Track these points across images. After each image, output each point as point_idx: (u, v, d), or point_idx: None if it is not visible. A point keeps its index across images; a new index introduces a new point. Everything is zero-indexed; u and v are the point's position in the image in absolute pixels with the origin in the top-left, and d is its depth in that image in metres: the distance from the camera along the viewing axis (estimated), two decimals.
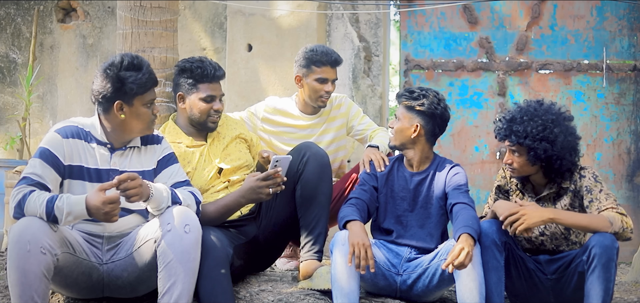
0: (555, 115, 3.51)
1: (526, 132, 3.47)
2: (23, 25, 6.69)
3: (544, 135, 3.45)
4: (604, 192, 3.47)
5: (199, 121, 3.77)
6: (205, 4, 6.41)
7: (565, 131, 3.50)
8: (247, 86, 6.03)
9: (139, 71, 3.24)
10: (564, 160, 3.49)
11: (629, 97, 6.00)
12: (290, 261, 4.49)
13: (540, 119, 3.48)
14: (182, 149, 3.73)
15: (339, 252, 3.41)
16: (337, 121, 4.45)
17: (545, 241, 3.61)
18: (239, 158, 3.82)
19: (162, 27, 4.14)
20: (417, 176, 3.72)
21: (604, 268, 3.25)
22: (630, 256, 5.14)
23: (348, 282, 3.38)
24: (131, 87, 3.22)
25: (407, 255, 3.65)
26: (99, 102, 3.27)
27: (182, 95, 3.78)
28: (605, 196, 3.45)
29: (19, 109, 6.59)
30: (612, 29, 5.99)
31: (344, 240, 3.43)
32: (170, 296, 3.08)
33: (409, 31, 6.14)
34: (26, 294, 2.93)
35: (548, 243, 3.61)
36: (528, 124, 3.48)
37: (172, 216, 3.13)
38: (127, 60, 3.25)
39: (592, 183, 3.50)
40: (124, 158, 3.32)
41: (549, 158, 3.47)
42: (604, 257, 3.25)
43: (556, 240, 3.60)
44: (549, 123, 3.47)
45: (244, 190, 3.50)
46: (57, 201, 3.02)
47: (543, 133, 3.46)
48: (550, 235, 3.59)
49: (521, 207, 3.39)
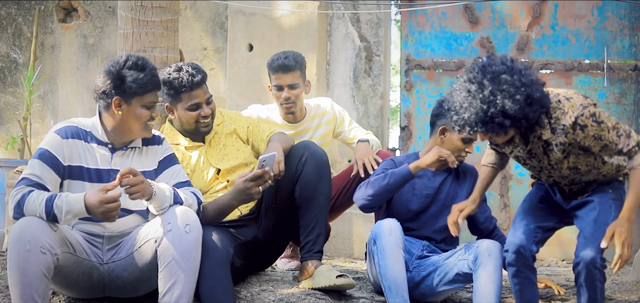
0: (490, 82, 3.10)
1: (475, 121, 3.14)
2: (24, 25, 6.70)
3: (492, 113, 3.09)
4: (614, 130, 3.17)
5: (190, 129, 3.75)
6: (206, 3, 6.41)
7: (507, 93, 3.08)
8: (248, 86, 6.03)
9: (141, 72, 3.24)
10: (528, 116, 3.12)
11: (630, 97, 6.00)
12: (291, 261, 4.50)
13: (478, 101, 3.11)
14: (181, 150, 3.73)
15: (387, 242, 3.40)
16: (321, 128, 4.44)
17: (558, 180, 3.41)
18: (236, 157, 3.81)
19: (163, 27, 4.14)
20: (440, 175, 3.74)
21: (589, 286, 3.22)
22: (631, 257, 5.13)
23: (400, 272, 3.39)
24: (131, 85, 3.22)
25: (419, 252, 3.66)
26: (99, 97, 3.28)
27: (170, 106, 3.74)
28: (617, 137, 3.17)
29: (20, 109, 6.59)
30: (613, 29, 5.98)
31: (391, 230, 3.43)
32: (170, 296, 3.07)
33: (410, 31, 6.14)
34: (26, 294, 2.93)
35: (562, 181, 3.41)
36: (469, 111, 3.14)
37: (172, 216, 3.13)
38: (133, 60, 3.25)
39: (597, 129, 3.16)
40: (125, 159, 3.32)
41: (512, 125, 3.13)
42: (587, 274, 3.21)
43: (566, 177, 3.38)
44: (488, 97, 3.10)
45: (234, 192, 3.49)
46: (56, 199, 3.02)
47: (489, 111, 3.10)
48: (559, 178, 3.39)
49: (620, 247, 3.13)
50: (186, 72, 3.66)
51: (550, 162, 3.30)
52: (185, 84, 3.65)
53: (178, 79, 3.65)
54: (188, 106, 3.68)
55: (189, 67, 3.68)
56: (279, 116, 4.39)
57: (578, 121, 3.15)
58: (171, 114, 3.76)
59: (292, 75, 4.27)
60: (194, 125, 3.71)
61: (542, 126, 3.21)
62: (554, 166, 3.31)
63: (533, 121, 3.15)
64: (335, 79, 6.21)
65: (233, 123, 3.90)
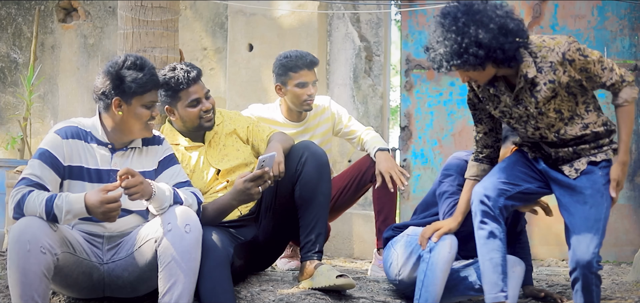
0: (463, 14, 3.11)
1: (449, 53, 3.11)
2: (24, 25, 6.70)
3: (466, 43, 3.08)
4: (599, 63, 3.20)
5: (193, 126, 3.75)
6: (206, 3, 6.41)
7: (480, 22, 3.08)
8: (248, 85, 6.03)
9: (140, 71, 3.24)
10: (503, 46, 3.10)
11: None
12: (291, 261, 4.50)
13: (452, 33, 3.10)
14: (181, 151, 3.73)
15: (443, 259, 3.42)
16: (322, 126, 4.46)
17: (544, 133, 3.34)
18: (236, 157, 3.81)
19: (163, 27, 4.14)
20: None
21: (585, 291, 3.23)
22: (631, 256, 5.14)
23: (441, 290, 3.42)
24: (130, 85, 3.22)
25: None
26: (99, 98, 3.28)
27: (170, 108, 3.74)
28: (602, 70, 3.21)
29: (20, 109, 6.59)
30: (613, 29, 5.98)
31: (451, 248, 3.43)
32: (170, 296, 3.08)
33: (410, 31, 6.14)
34: (26, 294, 2.93)
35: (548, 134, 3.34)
36: (443, 45, 3.12)
37: (172, 216, 3.13)
38: (131, 59, 3.25)
39: (584, 62, 3.18)
40: (125, 159, 3.32)
41: (488, 55, 3.11)
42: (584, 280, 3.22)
43: (553, 127, 3.32)
44: (461, 28, 3.09)
45: (234, 192, 3.49)
46: (56, 199, 3.02)
47: (463, 42, 3.08)
48: (546, 126, 3.31)
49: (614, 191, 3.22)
50: (181, 69, 3.67)
51: (538, 104, 3.23)
52: (182, 82, 3.65)
53: (174, 77, 3.65)
54: (188, 103, 3.68)
55: (182, 65, 3.70)
56: (281, 114, 4.40)
57: (566, 56, 3.16)
58: (172, 116, 3.75)
59: (315, 71, 4.35)
60: (197, 121, 3.72)
61: (521, 61, 3.19)
62: (541, 111, 3.25)
63: (510, 52, 3.13)
64: (335, 79, 6.22)
65: (233, 123, 3.90)
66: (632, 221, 5.97)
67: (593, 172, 3.27)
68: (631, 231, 5.96)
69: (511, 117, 3.35)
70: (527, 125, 3.33)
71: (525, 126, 3.34)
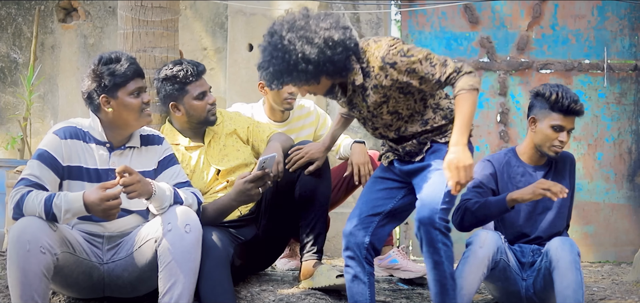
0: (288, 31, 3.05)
1: (280, 71, 3.05)
2: (24, 25, 6.70)
3: (294, 61, 3.03)
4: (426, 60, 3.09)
5: (200, 120, 3.76)
6: (206, 3, 6.41)
7: (304, 38, 3.03)
8: (248, 85, 6.03)
9: (116, 63, 3.25)
10: (333, 59, 3.04)
11: (630, 97, 6.00)
12: (291, 261, 4.50)
13: (279, 52, 3.04)
14: (181, 151, 3.73)
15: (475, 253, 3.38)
16: (305, 129, 4.43)
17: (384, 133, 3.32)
18: (236, 158, 3.82)
19: (163, 26, 4.14)
20: (540, 169, 3.67)
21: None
22: (631, 256, 5.14)
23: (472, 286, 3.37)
24: (110, 79, 3.23)
25: (529, 259, 3.60)
26: (86, 101, 3.30)
27: (175, 104, 3.75)
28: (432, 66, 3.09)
29: (20, 109, 6.59)
30: (613, 29, 5.98)
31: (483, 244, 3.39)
32: (170, 296, 3.08)
33: (409, 31, 6.14)
34: (26, 294, 2.93)
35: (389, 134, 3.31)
36: (273, 64, 3.07)
37: (172, 216, 3.13)
38: (106, 56, 3.27)
39: (408, 63, 3.09)
40: (124, 158, 3.32)
41: (318, 70, 3.05)
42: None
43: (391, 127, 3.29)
44: (287, 46, 3.03)
45: (234, 193, 3.49)
46: (55, 198, 3.02)
47: (291, 60, 3.03)
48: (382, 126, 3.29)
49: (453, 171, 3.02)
50: (187, 63, 3.75)
51: (369, 108, 3.20)
52: (191, 74, 3.72)
53: (182, 71, 3.73)
54: (196, 95, 3.73)
55: (186, 60, 3.78)
56: (264, 114, 4.38)
57: (386, 60, 3.08)
58: (177, 112, 3.76)
59: None
60: (204, 114, 3.75)
61: (351, 70, 3.12)
62: (374, 114, 3.21)
63: (339, 64, 3.06)
64: None
65: (233, 123, 3.90)
66: (632, 221, 5.98)
67: (439, 149, 3.22)
68: (631, 231, 5.96)
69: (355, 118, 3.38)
70: (366, 126, 3.33)
71: (365, 126, 3.34)
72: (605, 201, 5.99)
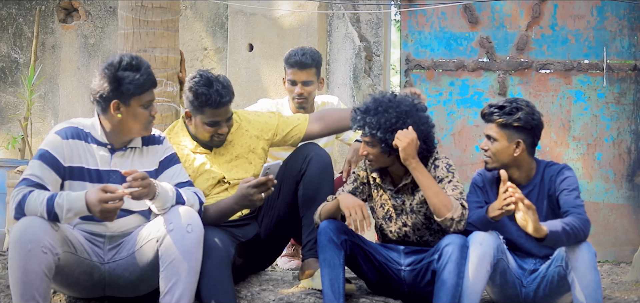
0: (409, 107, 3.46)
1: (379, 124, 3.42)
2: (25, 25, 6.71)
3: (397, 127, 3.42)
4: (452, 183, 3.46)
5: (203, 141, 3.71)
6: (206, 4, 6.42)
7: (418, 121, 3.46)
8: (248, 85, 6.04)
9: (137, 72, 3.23)
10: (426, 142, 3.49)
11: (629, 97, 6.01)
12: (292, 261, 4.50)
13: (394, 111, 3.43)
14: (185, 152, 3.70)
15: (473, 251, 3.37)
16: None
17: (409, 233, 3.58)
18: (246, 171, 3.76)
19: (164, 27, 4.15)
20: (524, 189, 3.52)
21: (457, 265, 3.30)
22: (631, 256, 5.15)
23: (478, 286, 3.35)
24: (128, 87, 3.21)
25: (531, 267, 3.56)
26: (96, 101, 3.27)
27: (189, 113, 3.68)
28: (453, 187, 3.44)
29: (20, 109, 6.60)
30: (612, 29, 5.99)
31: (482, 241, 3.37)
32: (171, 296, 3.08)
33: (409, 31, 6.15)
34: (27, 293, 2.94)
35: (411, 235, 3.58)
36: (382, 116, 3.43)
37: (174, 215, 3.14)
38: (126, 60, 3.23)
39: (444, 173, 3.49)
40: (125, 159, 3.32)
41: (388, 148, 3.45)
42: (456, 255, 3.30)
43: (418, 230, 3.56)
44: (402, 114, 3.43)
45: (237, 197, 3.49)
46: (57, 198, 3.02)
47: (395, 125, 3.42)
48: (412, 226, 3.56)
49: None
50: (216, 91, 3.56)
51: (412, 203, 3.53)
52: (211, 103, 3.57)
53: (206, 95, 3.55)
54: (208, 122, 3.62)
55: (219, 86, 3.58)
56: (288, 109, 4.41)
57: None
58: (188, 120, 3.70)
59: (307, 72, 4.31)
60: (207, 138, 3.68)
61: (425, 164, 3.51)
62: (413, 209, 3.53)
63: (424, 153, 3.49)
64: (335, 79, 6.22)
65: (254, 127, 3.83)
66: (631, 221, 5.98)
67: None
68: (630, 231, 5.97)
69: (383, 208, 3.59)
70: (398, 220, 3.56)
71: (395, 220, 3.57)
72: (604, 201, 6.00)
